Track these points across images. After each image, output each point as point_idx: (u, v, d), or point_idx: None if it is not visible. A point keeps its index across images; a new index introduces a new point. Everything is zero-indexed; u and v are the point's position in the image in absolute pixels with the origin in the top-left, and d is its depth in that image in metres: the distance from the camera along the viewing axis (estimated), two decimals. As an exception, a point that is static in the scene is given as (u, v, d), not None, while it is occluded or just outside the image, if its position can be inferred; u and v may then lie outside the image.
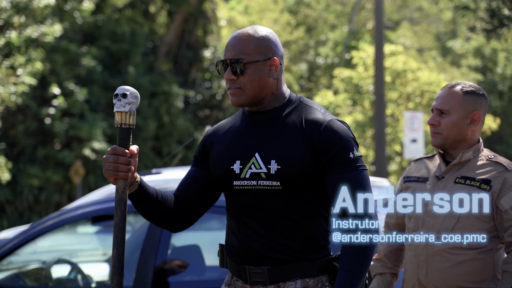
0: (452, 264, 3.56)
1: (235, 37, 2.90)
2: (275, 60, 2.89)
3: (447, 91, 3.72)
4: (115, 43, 21.48)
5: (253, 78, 2.85)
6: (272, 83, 2.88)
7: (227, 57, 2.88)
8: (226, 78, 2.87)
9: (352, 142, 2.82)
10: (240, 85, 2.85)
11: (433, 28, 37.98)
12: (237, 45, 2.87)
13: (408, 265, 3.69)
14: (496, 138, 29.54)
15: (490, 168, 3.59)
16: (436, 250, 3.58)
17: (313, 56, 29.82)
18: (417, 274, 3.64)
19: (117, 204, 2.73)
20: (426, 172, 3.73)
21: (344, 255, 2.74)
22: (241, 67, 2.84)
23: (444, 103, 3.69)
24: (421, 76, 17.90)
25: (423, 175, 3.73)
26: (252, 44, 2.86)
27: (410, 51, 28.43)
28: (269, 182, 2.79)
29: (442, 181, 3.65)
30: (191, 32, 24.85)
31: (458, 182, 3.60)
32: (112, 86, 20.68)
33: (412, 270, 3.66)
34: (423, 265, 3.62)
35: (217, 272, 5.14)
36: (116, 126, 2.77)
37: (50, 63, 18.31)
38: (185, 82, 24.06)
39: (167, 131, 22.05)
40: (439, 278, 3.58)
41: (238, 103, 2.87)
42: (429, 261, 3.61)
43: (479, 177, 3.57)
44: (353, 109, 18.88)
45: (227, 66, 2.88)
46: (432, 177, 3.69)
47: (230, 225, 2.92)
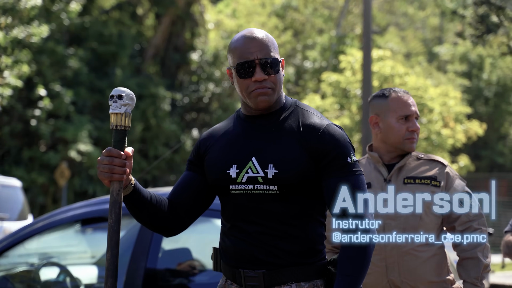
0: (421, 261, 3.68)
1: (254, 38, 2.83)
2: (283, 61, 2.91)
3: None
4: (102, 45, 21.44)
5: (280, 78, 2.86)
6: (282, 84, 2.90)
7: (256, 58, 2.81)
8: (259, 79, 2.79)
9: (349, 147, 2.81)
10: (271, 85, 2.82)
11: (420, 34, 38.13)
12: (262, 45, 2.83)
13: (373, 269, 3.69)
14: (482, 144, 29.67)
15: (428, 166, 3.78)
16: (406, 249, 3.67)
17: (300, 60, 29.85)
18: (387, 276, 3.68)
19: (112, 207, 2.70)
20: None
21: (342, 259, 2.71)
22: (276, 66, 2.82)
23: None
24: (408, 81, 17.95)
25: None
26: (272, 43, 2.85)
27: (397, 56, 28.51)
28: (266, 186, 2.77)
29: (391, 184, 3.73)
30: (178, 35, 24.84)
31: (408, 182, 3.74)
32: (99, 88, 20.64)
33: (380, 273, 3.69)
34: (394, 266, 3.67)
35: (207, 276, 5.12)
36: (112, 127, 2.74)
37: (36, 65, 18.24)
38: (172, 85, 24.03)
39: (154, 133, 22.02)
40: (413, 277, 3.66)
41: (269, 103, 2.82)
42: (400, 261, 3.67)
43: (424, 175, 3.74)
44: (340, 113, 18.89)
45: (252, 67, 2.82)
46: (377, 181, 3.77)
47: (225, 228, 2.90)
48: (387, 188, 3.70)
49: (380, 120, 3.84)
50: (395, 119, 3.81)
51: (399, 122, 3.81)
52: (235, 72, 2.84)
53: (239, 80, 2.83)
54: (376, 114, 3.85)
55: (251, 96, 2.81)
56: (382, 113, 3.83)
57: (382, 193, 3.71)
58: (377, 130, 3.84)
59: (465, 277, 3.69)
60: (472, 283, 3.67)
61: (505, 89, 30.97)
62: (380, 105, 3.85)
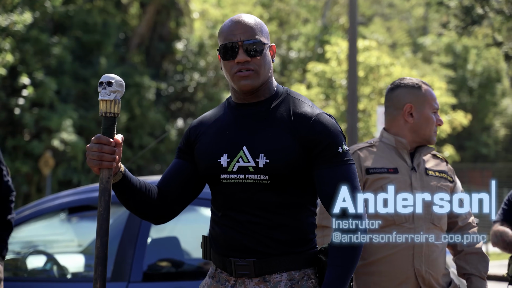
0: (441, 253, 3.69)
1: (240, 21, 2.82)
2: (273, 47, 2.89)
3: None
4: (87, 34, 21.32)
5: (265, 61, 2.82)
6: (271, 69, 2.88)
7: (239, 39, 2.79)
8: (241, 60, 2.77)
9: (340, 136, 2.79)
10: (254, 68, 2.79)
11: (405, 25, 38.18)
12: (248, 27, 2.81)
13: (397, 257, 3.65)
14: (466, 134, 29.79)
15: (436, 161, 3.82)
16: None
17: (285, 50, 29.82)
18: (413, 265, 3.63)
19: (101, 194, 2.68)
20: (387, 162, 3.76)
21: (334, 250, 2.70)
22: (260, 47, 2.79)
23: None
24: (394, 71, 17.98)
25: (389, 165, 3.75)
26: (259, 28, 2.83)
27: (383, 47, 28.54)
28: (257, 176, 2.75)
29: (417, 173, 3.73)
30: (163, 24, 24.75)
31: (430, 174, 3.73)
32: (83, 77, 20.54)
33: (405, 262, 3.64)
34: (420, 256, 3.64)
35: (196, 265, 5.12)
36: (101, 114, 2.71)
37: (20, 53, 18.12)
38: (157, 74, 23.96)
39: (138, 123, 21.95)
40: (435, 268, 3.66)
41: (252, 86, 2.80)
42: (426, 252, 3.64)
43: (438, 169, 3.77)
44: (325, 103, 18.90)
45: (236, 49, 2.80)
46: (403, 167, 3.73)
47: (215, 217, 2.88)
48: (414, 177, 3.72)
49: (414, 110, 3.81)
50: (430, 111, 3.81)
51: (432, 115, 3.82)
52: (220, 54, 2.84)
53: (223, 62, 2.82)
54: (411, 103, 3.82)
55: (234, 79, 2.80)
56: (418, 103, 3.81)
57: (410, 181, 3.70)
58: (410, 119, 3.81)
59: (472, 271, 3.70)
60: (481, 276, 3.70)
61: (490, 80, 31.10)
62: (416, 95, 3.82)
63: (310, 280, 2.79)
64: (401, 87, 3.87)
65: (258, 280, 2.78)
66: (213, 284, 2.87)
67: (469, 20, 19.18)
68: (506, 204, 4.51)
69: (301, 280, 2.78)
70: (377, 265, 3.67)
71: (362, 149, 3.81)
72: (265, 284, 2.77)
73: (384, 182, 3.69)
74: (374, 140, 3.88)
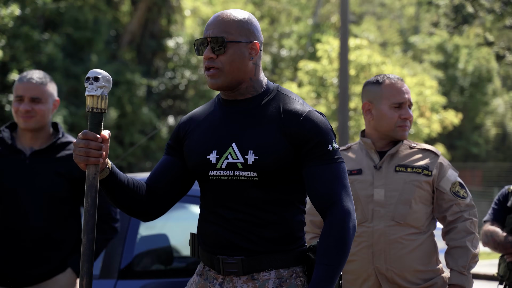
0: (409, 250, 3.67)
1: (217, 16, 2.82)
2: (256, 44, 2.82)
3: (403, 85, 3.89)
4: (78, 31, 21.24)
5: (233, 59, 2.77)
6: (251, 68, 2.82)
7: (208, 35, 2.79)
8: (205, 57, 2.78)
9: (330, 134, 2.77)
10: (219, 65, 2.77)
11: (396, 24, 38.23)
12: (219, 24, 2.79)
13: (359, 256, 3.70)
14: (457, 134, 29.85)
15: (421, 155, 3.79)
16: (394, 238, 3.67)
17: (277, 48, 29.81)
18: (373, 263, 3.67)
19: (88, 190, 2.65)
20: (354, 164, 3.79)
21: (322, 248, 2.66)
22: (222, 45, 2.76)
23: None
24: (385, 70, 17.99)
25: (354, 167, 3.78)
26: (235, 24, 2.79)
27: (374, 46, 28.57)
28: (246, 173, 2.73)
29: (381, 171, 3.74)
30: (154, 21, 24.71)
31: (399, 170, 3.73)
32: (74, 74, 20.49)
33: (366, 260, 3.69)
34: (380, 254, 3.67)
35: (185, 262, 5.10)
36: (88, 110, 2.69)
37: (10, 50, 18.05)
38: (148, 72, 23.91)
39: (129, 120, 21.90)
40: (399, 265, 3.66)
41: (216, 85, 2.79)
42: (386, 249, 3.66)
43: (417, 164, 3.75)
44: (317, 101, 18.90)
45: (207, 44, 2.80)
46: (368, 167, 3.75)
47: (203, 214, 2.86)
48: (377, 175, 3.73)
49: (372, 107, 3.81)
50: (387, 107, 3.78)
51: (391, 110, 3.78)
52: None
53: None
54: (368, 101, 3.83)
55: (206, 74, 2.81)
56: (375, 100, 3.81)
57: (372, 180, 3.71)
58: (370, 117, 3.82)
59: (452, 265, 3.68)
60: (459, 271, 3.66)
61: (481, 79, 31.17)
62: (374, 92, 3.82)
63: (299, 278, 2.77)
64: (365, 85, 3.90)
65: (246, 278, 2.75)
66: (201, 282, 2.85)
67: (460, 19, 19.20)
68: (496, 203, 4.51)
69: (289, 278, 2.76)
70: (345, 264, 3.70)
71: None
72: (253, 282, 2.75)
73: None
74: (353, 143, 3.92)
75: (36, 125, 4.06)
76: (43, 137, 4.11)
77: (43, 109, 4.08)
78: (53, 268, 4.03)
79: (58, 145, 4.09)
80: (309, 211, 3.73)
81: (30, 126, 4.05)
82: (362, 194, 3.72)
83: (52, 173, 4.03)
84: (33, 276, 4.01)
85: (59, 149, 4.09)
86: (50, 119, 4.15)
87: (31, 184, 4.00)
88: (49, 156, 4.06)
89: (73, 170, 3.99)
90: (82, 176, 3.93)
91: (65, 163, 4.05)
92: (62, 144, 4.10)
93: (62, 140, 4.11)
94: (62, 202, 4.04)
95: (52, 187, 4.01)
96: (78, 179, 4.01)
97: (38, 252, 4.00)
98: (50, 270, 4.03)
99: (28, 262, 4.00)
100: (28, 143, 4.09)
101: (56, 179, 4.02)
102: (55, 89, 4.20)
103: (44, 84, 4.12)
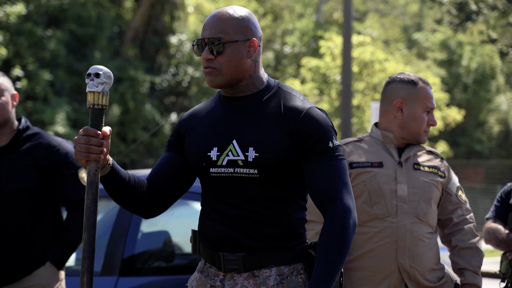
0: (428, 248, 3.67)
1: (213, 16, 2.82)
2: (254, 41, 2.81)
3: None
4: (81, 27, 21.26)
5: (231, 59, 2.77)
6: (250, 65, 2.81)
7: (205, 36, 2.79)
8: (204, 58, 2.79)
9: (331, 131, 2.76)
10: (217, 66, 2.77)
11: (400, 21, 38.19)
12: (216, 24, 2.79)
13: (380, 251, 3.64)
14: (460, 131, 29.82)
15: (430, 156, 3.81)
16: (417, 235, 3.64)
17: (280, 45, 29.79)
18: (397, 259, 3.62)
19: (89, 187, 2.65)
20: (373, 157, 3.75)
21: (322, 245, 2.66)
22: (219, 46, 2.77)
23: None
24: (388, 67, 17.99)
25: (374, 159, 3.74)
26: (232, 23, 2.79)
27: (377, 43, 28.55)
28: (247, 170, 2.72)
29: (402, 167, 3.72)
30: (158, 18, 24.71)
31: (417, 168, 3.72)
32: (77, 70, 20.50)
33: (388, 256, 3.63)
34: (404, 250, 3.62)
35: (186, 259, 5.10)
36: (88, 106, 2.69)
37: (14, 46, 18.07)
38: (151, 68, 23.92)
39: (132, 117, 21.91)
40: (420, 263, 3.64)
41: (214, 83, 2.79)
42: (411, 246, 3.62)
43: (430, 164, 3.76)
44: (319, 98, 18.90)
45: (205, 45, 2.80)
46: (389, 162, 3.72)
47: (204, 211, 2.86)
48: (399, 171, 3.70)
49: (405, 106, 3.78)
50: (421, 110, 3.77)
51: (424, 113, 3.78)
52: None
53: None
54: (402, 99, 3.78)
55: (205, 73, 2.82)
56: (409, 99, 3.78)
57: (394, 175, 3.70)
58: (399, 114, 3.77)
59: (465, 265, 3.68)
60: (474, 271, 3.68)
61: (484, 76, 31.12)
62: (409, 91, 3.79)
63: (300, 275, 2.77)
64: (396, 81, 3.84)
65: (247, 275, 2.75)
66: (202, 279, 2.85)
67: (463, 16, 19.18)
68: (499, 201, 4.50)
69: (290, 275, 2.75)
70: (361, 260, 3.67)
71: (348, 143, 3.81)
72: (254, 279, 2.74)
73: (366, 176, 3.69)
74: (364, 135, 3.87)
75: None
76: (7, 132, 4.06)
77: (1, 103, 4.01)
78: (31, 263, 4.00)
79: (22, 138, 4.04)
80: None
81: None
82: (386, 188, 3.67)
83: (20, 167, 3.99)
84: (10, 273, 3.98)
85: (25, 142, 4.04)
86: (13, 113, 4.09)
87: (3, 181, 3.98)
88: (14, 151, 4.02)
89: (39, 159, 3.98)
90: (49, 164, 3.94)
91: (31, 154, 4.01)
92: (27, 136, 4.05)
93: (27, 132, 4.06)
94: (35, 194, 4.00)
95: (22, 180, 3.98)
96: (46, 167, 3.99)
97: (13, 249, 3.97)
98: (28, 266, 4.00)
99: (4, 259, 3.97)
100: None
101: (25, 171, 3.98)
102: (10, 83, 4.11)
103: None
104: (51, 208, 4.09)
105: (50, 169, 3.99)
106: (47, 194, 4.06)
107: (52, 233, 4.06)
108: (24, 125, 4.08)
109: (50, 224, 4.07)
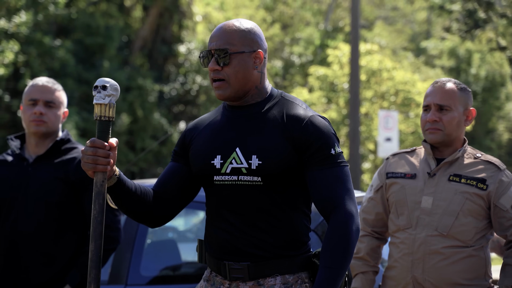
0: (449, 262, 3.55)
1: (220, 28, 2.87)
2: (260, 53, 2.86)
3: (442, 87, 3.67)
4: (90, 37, 21.32)
5: (238, 70, 2.81)
6: (256, 76, 2.86)
7: (212, 47, 2.84)
8: (210, 69, 2.83)
9: (333, 138, 2.80)
10: (224, 77, 2.81)
11: (408, 29, 38.17)
12: (222, 35, 2.84)
13: (400, 263, 3.62)
14: (469, 139, 29.69)
15: (482, 167, 3.60)
16: (434, 248, 3.55)
17: (288, 53, 29.83)
18: (411, 272, 3.59)
19: (96, 198, 2.69)
20: (411, 168, 3.69)
21: (325, 251, 2.69)
22: (226, 57, 2.81)
23: (444, 99, 3.63)
24: (396, 75, 18.00)
25: (410, 171, 3.68)
26: (238, 35, 2.83)
27: (385, 51, 28.55)
28: (250, 177, 2.76)
29: (434, 179, 3.62)
30: (166, 27, 24.76)
31: (453, 180, 3.59)
32: (86, 80, 20.57)
33: (405, 268, 3.60)
34: (419, 263, 3.57)
35: (193, 268, 5.11)
36: (96, 118, 2.73)
37: (23, 55, 18.15)
38: (160, 77, 23.96)
39: (141, 126, 21.94)
40: (437, 276, 3.55)
41: (224, 96, 2.83)
42: (426, 259, 3.56)
43: (473, 175, 3.58)
44: (327, 107, 18.91)
45: (211, 56, 2.84)
46: (422, 173, 3.65)
47: (209, 220, 2.89)
48: (428, 182, 3.62)
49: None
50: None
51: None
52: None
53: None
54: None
55: (212, 86, 2.84)
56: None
57: (423, 187, 3.61)
58: (468, 123, 3.68)
59: (499, 283, 3.55)
60: None
61: (493, 84, 31.04)
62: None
63: (304, 284, 2.79)
64: (468, 91, 3.74)
65: (252, 283, 2.78)
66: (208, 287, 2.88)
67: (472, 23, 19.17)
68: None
69: (295, 284, 2.78)
70: (390, 270, 3.68)
71: (396, 154, 3.79)
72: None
73: (396, 187, 3.68)
74: (420, 147, 3.78)
75: (47, 131, 4.00)
76: (48, 143, 4.05)
77: (56, 114, 4.04)
78: (47, 280, 3.93)
79: (60, 150, 4.02)
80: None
81: (41, 130, 3.99)
82: (410, 199, 3.61)
83: (50, 178, 3.96)
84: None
85: (61, 154, 4.01)
86: (60, 128, 4.10)
87: (31, 191, 3.96)
88: (48, 162, 4.00)
89: (70, 173, 3.94)
90: (79, 180, 3.91)
91: (63, 167, 3.97)
92: (65, 149, 4.03)
93: (66, 145, 4.04)
94: (60, 208, 3.94)
95: (48, 192, 3.94)
96: (76, 183, 3.94)
97: (31, 260, 3.91)
98: (44, 283, 3.92)
99: (22, 270, 3.92)
100: (33, 150, 4.05)
101: (53, 183, 3.95)
102: (66, 99, 4.17)
103: (58, 90, 4.09)
104: (76, 227, 3.99)
105: (79, 185, 3.93)
106: (73, 210, 3.98)
107: (73, 254, 3.97)
108: (64, 137, 4.06)
109: (72, 243, 3.98)
